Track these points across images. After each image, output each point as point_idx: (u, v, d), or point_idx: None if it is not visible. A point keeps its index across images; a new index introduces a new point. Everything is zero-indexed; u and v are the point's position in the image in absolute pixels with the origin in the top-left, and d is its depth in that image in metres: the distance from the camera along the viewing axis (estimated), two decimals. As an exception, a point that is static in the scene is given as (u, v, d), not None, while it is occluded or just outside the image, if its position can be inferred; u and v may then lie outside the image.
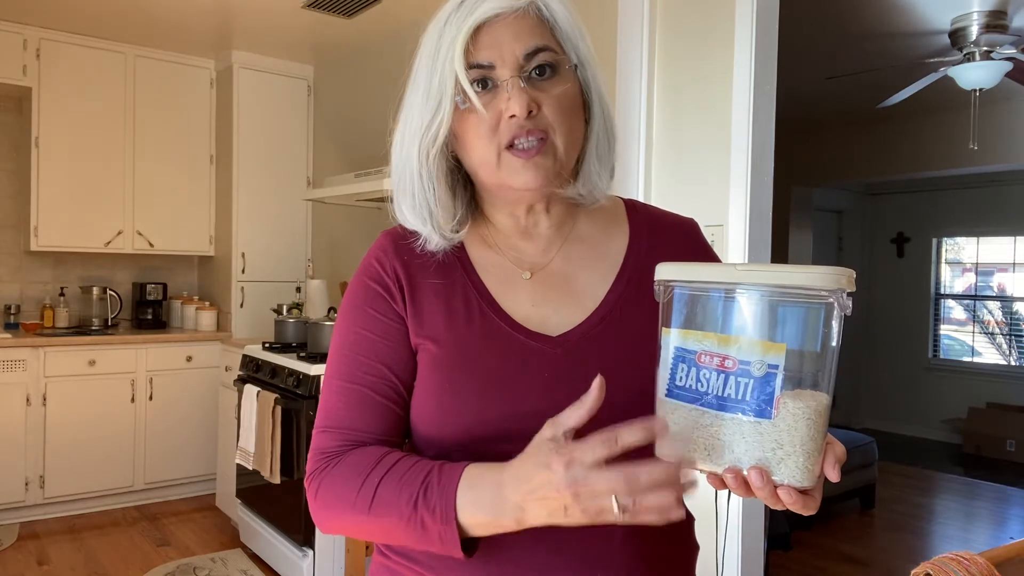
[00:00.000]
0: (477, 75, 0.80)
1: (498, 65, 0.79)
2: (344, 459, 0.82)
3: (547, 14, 0.82)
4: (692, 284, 0.67)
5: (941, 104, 5.14)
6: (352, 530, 0.81)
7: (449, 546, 0.73)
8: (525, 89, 0.79)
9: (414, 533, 0.75)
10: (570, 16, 0.83)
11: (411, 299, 0.86)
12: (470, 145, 0.82)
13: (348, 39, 4.08)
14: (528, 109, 0.78)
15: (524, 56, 0.79)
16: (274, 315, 3.93)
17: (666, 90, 2.39)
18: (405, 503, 0.74)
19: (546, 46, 0.81)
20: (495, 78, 0.80)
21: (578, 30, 0.84)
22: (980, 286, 7.01)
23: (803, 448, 0.63)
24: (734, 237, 2.17)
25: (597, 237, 0.92)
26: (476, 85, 0.80)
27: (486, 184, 0.85)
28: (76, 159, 4.20)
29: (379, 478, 0.77)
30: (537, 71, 0.80)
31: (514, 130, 0.79)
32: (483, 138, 0.80)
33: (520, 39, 0.80)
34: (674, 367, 0.68)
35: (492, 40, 0.79)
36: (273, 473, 3.05)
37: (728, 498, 0.71)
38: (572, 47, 0.83)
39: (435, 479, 0.75)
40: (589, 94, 0.86)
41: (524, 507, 0.69)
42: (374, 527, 0.78)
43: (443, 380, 0.83)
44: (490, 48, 0.79)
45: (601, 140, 0.87)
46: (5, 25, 3.95)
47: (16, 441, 3.85)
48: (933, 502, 5.09)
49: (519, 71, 0.79)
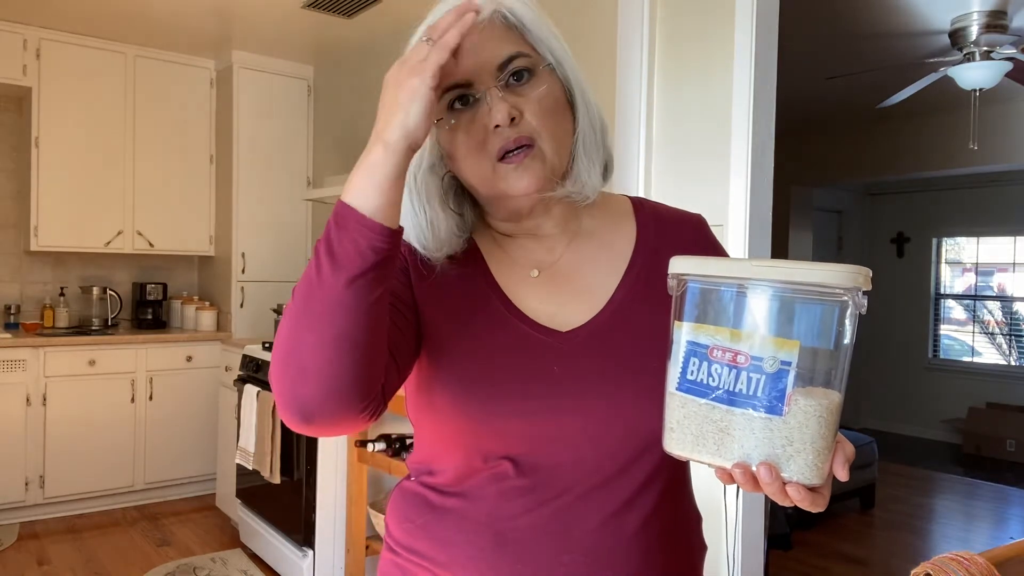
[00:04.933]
0: (455, 95, 0.79)
1: (475, 81, 0.79)
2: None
3: (513, 19, 0.81)
4: (707, 278, 0.67)
5: (941, 104, 5.14)
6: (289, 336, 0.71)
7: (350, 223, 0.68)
8: (504, 97, 0.78)
9: (325, 261, 0.69)
10: (537, 16, 0.83)
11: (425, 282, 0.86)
12: (462, 162, 0.82)
13: (348, 39, 4.08)
14: (511, 116, 0.78)
15: (498, 66, 0.79)
16: (274, 315, 3.93)
17: (666, 90, 2.39)
18: (314, 257, 0.71)
19: (518, 52, 0.80)
20: (473, 93, 0.79)
21: (548, 28, 0.83)
22: (980, 286, 7.01)
23: (814, 445, 0.63)
24: (734, 237, 2.17)
25: (604, 234, 0.92)
26: (457, 103, 0.80)
27: (485, 197, 0.85)
28: (76, 159, 4.19)
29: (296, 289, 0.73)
30: (514, 77, 0.80)
31: (501, 140, 0.79)
32: (473, 153, 0.80)
33: (490, 50, 0.79)
34: (686, 361, 0.67)
35: (463, 54, 0.78)
36: (273, 473, 3.05)
37: (737, 495, 0.71)
38: (545, 47, 0.82)
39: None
40: (571, 90, 0.85)
41: (380, 126, 0.70)
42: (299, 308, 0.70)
43: (452, 371, 0.82)
44: (462, 64, 0.78)
45: (588, 135, 0.86)
46: (5, 25, 3.95)
47: (16, 441, 3.85)
48: (933, 502, 5.10)
49: (496, 81, 0.79)
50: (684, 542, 0.88)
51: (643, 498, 0.82)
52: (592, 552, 0.80)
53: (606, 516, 0.80)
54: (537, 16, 0.83)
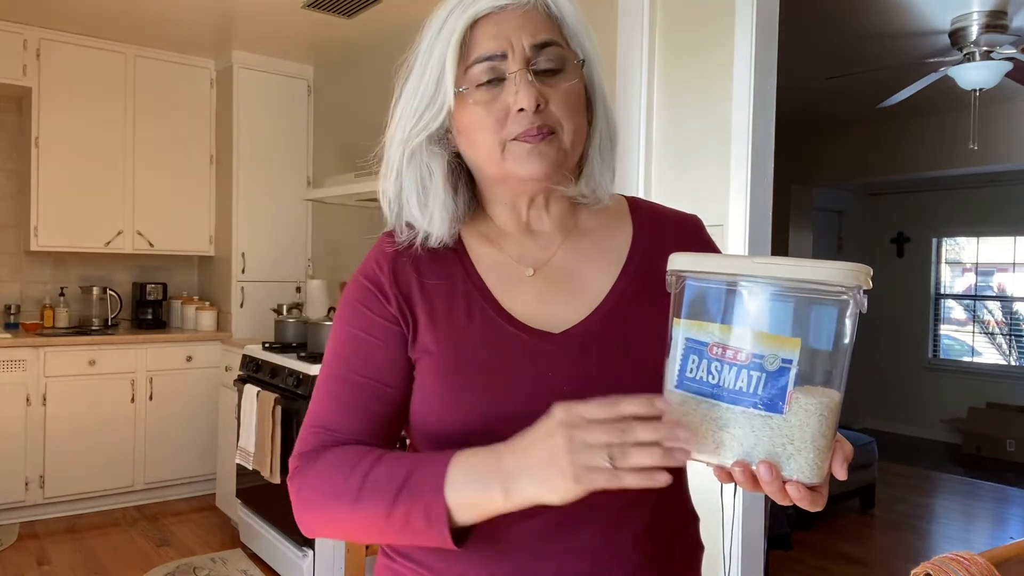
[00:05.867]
0: (486, 67, 0.79)
1: (508, 55, 0.78)
2: (325, 455, 0.80)
3: (555, 10, 0.82)
4: (706, 275, 0.66)
5: (941, 104, 5.14)
6: (335, 523, 0.78)
7: (436, 526, 0.70)
8: (533, 83, 0.78)
9: (399, 517, 0.72)
10: (577, 13, 0.83)
11: (408, 301, 0.84)
12: (475, 139, 0.81)
13: (348, 39, 4.08)
14: (536, 103, 0.77)
15: (532, 48, 0.78)
16: (274, 315, 3.93)
17: (666, 90, 2.39)
18: (394, 484, 0.72)
19: (555, 40, 0.80)
20: (503, 70, 0.78)
21: (584, 28, 0.83)
22: (980, 286, 7.01)
23: (814, 444, 0.62)
24: (734, 237, 2.17)
25: (600, 234, 0.91)
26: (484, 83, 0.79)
27: (490, 177, 0.84)
28: (76, 159, 4.19)
29: (370, 465, 0.76)
30: (545, 66, 0.79)
31: (524, 125, 0.78)
32: (488, 130, 0.79)
33: (529, 32, 0.79)
34: (684, 358, 0.67)
35: (499, 31, 0.78)
36: (273, 473, 3.05)
37: (734, 494, 0.71)
38: (579, 44, 0.83)
39: (427, 459, 0.73)
40: (593, 93, 0.85)
41: (516, 474, 0.67)
42: (358, 519, 0.75)
43: (445, 382, 0.81)
44: (497, 39, 0.78)
45: (604, 139, 0.87)
46: (5, 25, 3.95)
47: (16, 441, 3.85)
48: (933, 502, 5.09)
49: (527, 64, 0.78)
50: (683, 543, 0.88)
51: (643, 502, 0.81)
52: (590, 556, 0.79)
53: (604, 520, 0.80)
54: (577, 13, 0.83)
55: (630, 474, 0.62)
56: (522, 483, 0.67)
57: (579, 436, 0.64)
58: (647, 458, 0.62)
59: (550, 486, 0.65)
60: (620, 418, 0.64)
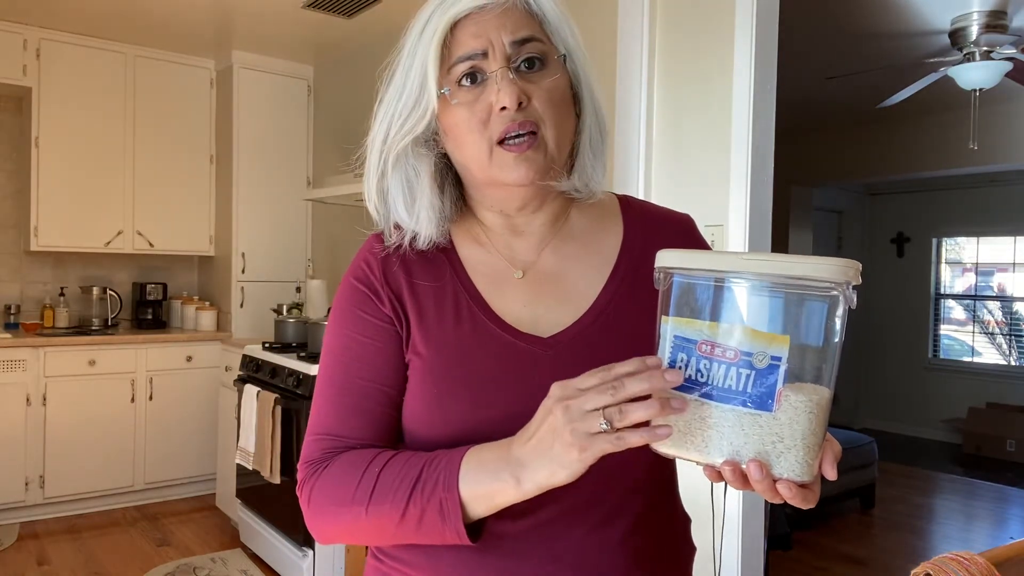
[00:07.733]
0: (467, 67, 0.78)
1: (489, 53, 0.78)
2: (335, 461, 0.80)
3: (535, 7, 0.81)
4: (694, 272, 0.65)
5: (941, 104, 5.14)
6: (350, 529, 0.78)
7: (451, 521, 0.71)
8: (514, 80, 0.77)
9: (413, 515, 0.73)
10: (557, 7, 0.82)
11: (400, 301, 0.84)
12: (460, 140, 0.80)
13: (348, 39, 4.08)
14: (518, 101, 0.77)
15: (512, 45, 0.78)
16: (274, 315, 3.93)
17: (666, 90, 2.39)
18: (407, 483, 0.73)
19: (535, 36, 0.79)
20: (484, 69, 0.78)
21: (566, 21, 0.83)
22: (980, 286, 7.01)
23: (804, 442, 0.61)
24: (734, 237, 2.17)
25: (590, 234, 0.90)
26: (465, 79, 0.79)
27: (477, 180, 0.84)
28: (76, 159, 4.20)
29: (380, 467, 0.76)
30: (526, 63, 0.79)
31: (505, 123, 0.77)
32: (474, 132, 0.79)
33: (509, 29, 0.78)
34: (673, 356, 0.66)
35: (479, 30, 0.78)
36: (273, 473, 3.05)
37: (724, 492, 0.70)
38: (560, 39, 0.82)
39: (438, 456, 0.74)
40: (579, 86, 0.84)
41: (524, 460, 0.68)
42: (372, 521, 0.76)
43: (433, 385, 0.81)
44: (478, 38, 0.78)
45: (594, 132, 0.86)
46: (5, 25, 3.95)
47: (16, 441, 3.85)
48: (933, 502, 5.09)
49: (508, 62, 0.78)
50: (672, 545, 0.87)
51: (630, 503, 0.81)
52: (578, 560, 0.78)
53: (592, 524, 0.79)
54: (557, 7, 0.82)
55: (632, 433, 0.63)
56: (532, 467, 0.68)
57: (575, 405, 0.65)
58: (644, 412, 0.62)
59: (559, 462, 0.66)
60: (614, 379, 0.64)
